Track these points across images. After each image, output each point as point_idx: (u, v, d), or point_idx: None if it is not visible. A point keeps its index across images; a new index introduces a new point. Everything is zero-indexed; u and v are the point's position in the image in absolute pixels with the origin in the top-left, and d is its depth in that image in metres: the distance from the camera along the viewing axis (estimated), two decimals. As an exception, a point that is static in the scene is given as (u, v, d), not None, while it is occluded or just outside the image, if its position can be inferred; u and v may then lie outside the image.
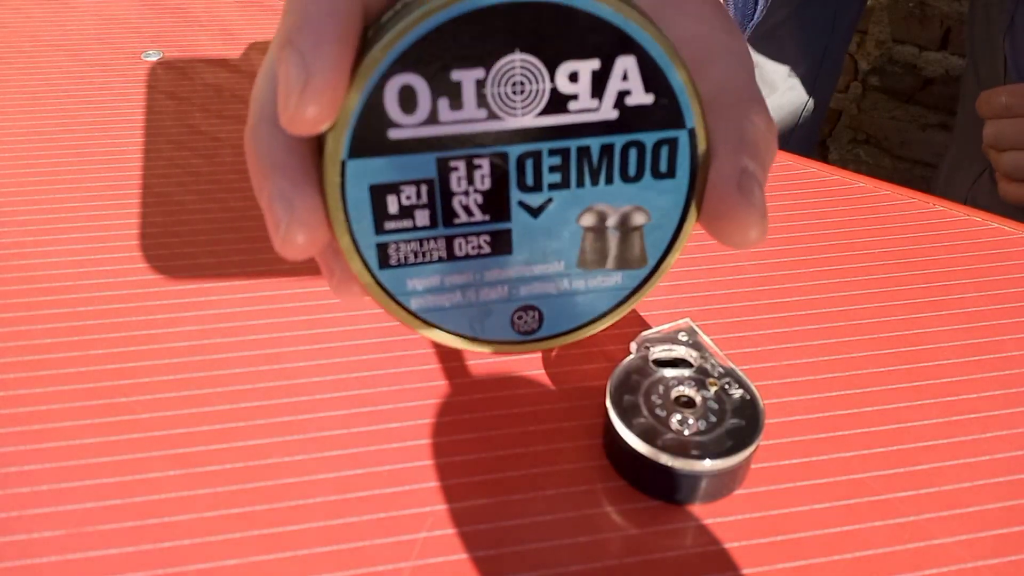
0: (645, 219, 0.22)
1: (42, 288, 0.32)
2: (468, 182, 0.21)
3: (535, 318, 0.24)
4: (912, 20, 1.31)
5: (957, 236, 0.37)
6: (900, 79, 1.37)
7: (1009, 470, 0.27)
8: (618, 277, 0.23)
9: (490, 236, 0.22)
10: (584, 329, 0.24)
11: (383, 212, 0.21)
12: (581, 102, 0.21)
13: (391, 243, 0.22)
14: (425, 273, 0.22)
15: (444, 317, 0.23)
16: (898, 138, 1.43)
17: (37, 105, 0.44)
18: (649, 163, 0.22)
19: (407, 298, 0.23)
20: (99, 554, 0.24)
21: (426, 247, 0.22)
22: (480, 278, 0.23)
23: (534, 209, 0.22)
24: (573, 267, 0.23)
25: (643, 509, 0.25)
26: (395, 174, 0.21)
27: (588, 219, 0.22)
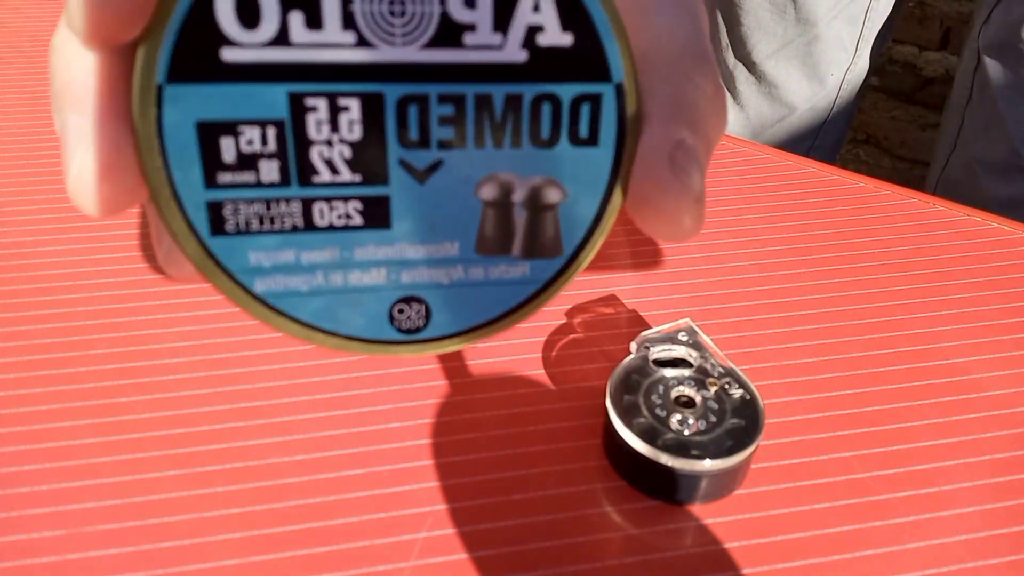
0: (560, 196, 0.18)
1: (42, 288, 0.32)
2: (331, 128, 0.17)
3: (420, 313, 0.19)
4: (912, 20, 1.31)
5: (957, 236, 0.37)
6: (900, 79, 1.37)
7: (1009, 470, 0.27)
8: (526, 267, 0.19)
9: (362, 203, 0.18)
10: (481, 331, 0.19)
11: (216, 159, 0.16)
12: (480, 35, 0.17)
13: (227, 201, 0.17)
14: (274, 245, 0.17)
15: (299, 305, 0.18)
16: (898, 138, 1.43)
17: (37, 105, 0.44)
18: (566, 124, 0.18)
19: (250, 277, 0.17)
20: (99, 554, 0.24)
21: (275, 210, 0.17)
22: (349, 256, 0.18)
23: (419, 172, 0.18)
24: (470, 251, 0.18)
25: (643, 509, 0.25)
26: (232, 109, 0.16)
27: (489, 191, 0.18)
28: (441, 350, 0.19)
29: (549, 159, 0.18)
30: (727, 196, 0.39)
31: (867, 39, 0.72)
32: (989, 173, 0.65)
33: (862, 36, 0.72)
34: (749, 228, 0.37)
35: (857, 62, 0.73)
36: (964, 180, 0.68)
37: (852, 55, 0.73)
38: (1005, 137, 0.62)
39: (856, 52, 0.73)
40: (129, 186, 0.15)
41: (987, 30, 0.63)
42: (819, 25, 0.69)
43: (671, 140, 0.17)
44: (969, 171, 0.67)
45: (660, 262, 0.35)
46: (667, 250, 0.36)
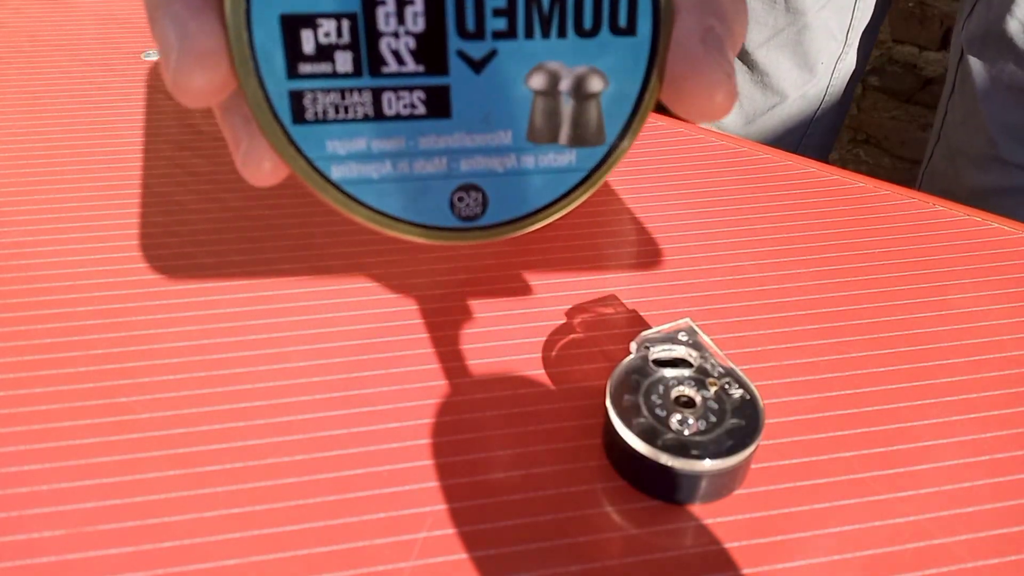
0: (603, 85, 0.19)
1: (42, 288, 0.32)
2: (398, 20, 0.18)
3: (478, 201, 0.20)
4: (912, 20, 1.31)
5: (957, 236, 0.37)
6: (900, 79, 1.37)
7: (1009, 470, 0.27)
8: (572, 156, 0.20)
9: (425, 93, 0.19)
10: (533, 218, 0.20)
11: (297, 51, 0.18)
12: None
13: (307, 91, 0.18)
14: (348, 133, 0.19)
15: (371, 192, 0.19)
16: (898, 138, 1.43)
17: (37, 105, 0.44)
18: (607, 14, 0.19)
19: (327, 164, 0.19)
20: (99, 554, 0.24)
21: (349, 100, 0.18)
22: (414, 145, 0.19)
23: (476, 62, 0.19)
24: (522, 139, 0.20)
25: (643, 509, 0.25)
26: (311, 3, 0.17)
27: (538, 80, 0.19)
28: (497, 237, 0.20)
29: (592, 48, 0.19)
30: (727, 196, 0.39)
31: (856, 29, 0.74)
32: (968, 164, 0.66)
33: (851, 26, 0.73)
34: (749, 228, 0.37)
35: (848, 52, 0.75)
36: (946, 171, 0.69)
37: (842, 44, 0.74)
38: (983, 128, 0.63)
39: (846, 42, 0.74)
40: (220, 76, 0.17)
41: (969, 25, 0.64)
42: (808, 15, 0.71)
43: (702, 26, 0.18)
44: (951, 163, 0.68)
45: (660, 262, 0.35)
46: (667, 250, 0.36)
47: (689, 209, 0.38)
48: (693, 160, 0.42)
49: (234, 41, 0.17)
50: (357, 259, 0.34)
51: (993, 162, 0.64)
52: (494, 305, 0.32)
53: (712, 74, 0.18)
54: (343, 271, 0.34)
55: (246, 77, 0.17)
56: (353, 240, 0.35)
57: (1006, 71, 0.60)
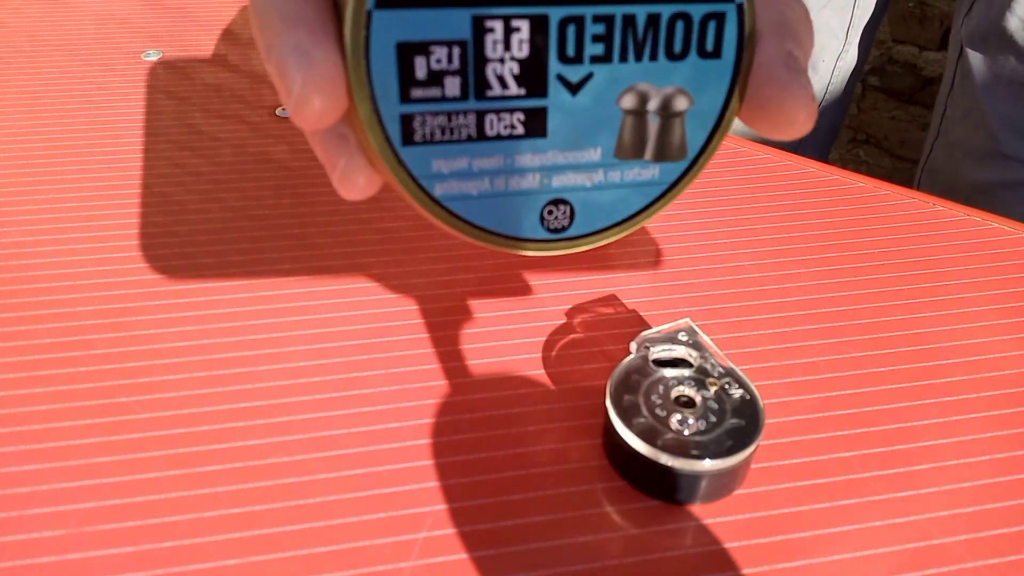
0: (688, 104, 0.21)
1: (42, 288, 0.32)
2: (505, 47, 0.19)
3: (566, 213, 0.21)
4: (912, 20, 1.31)
5: (957, 236, 0.37)
6: (900, 79, 1.37)
7: (1009, 470, 0.27)
8: (655, 171, 0.22)
9: (524, 114, 0.20)
10: (616, 229, 0.22)
11: (410, 76, 0.18)
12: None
13: (417, 115, 0.19)
14: (452, 154, 0.20)
15: (470, 208, 0.21)
16: (898, 138, 1.43)
17: (37, 105, 0.44)
18: (696, 39, 0.20)
19: (431, 182, 0.20)
20: (99, 554, 0.24)
21: (455, 122, 0.19)
22: (511, 163, 0.20)
23: (573, 85, 0.20)
24: (610, 156, 0.21)
25: (643, 509, 0.25)
26: (426, 31, 0.18)
27: (629, 100, 0.20)
28: (582, 247, 0.22)
29: (679, 70, 0.20)
30: (727, 196, 0.39)
31: (856, 28, 0.75)
32: (969, 159, 0.67)
33: (851, 25, 0.74)
34: (749, 228, 0.37)
35: (848, 51, 0.76)
36: (946, 167, 0.70)
37: (843, 43, 0.75)
38: (984, 123, 0.64)
39: (846, 40, 0.75)
40: (339, 100, 0.17)
41: (968, 22, 0.65)
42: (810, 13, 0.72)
43: (784, 51, 0.19)
44: (951, 158, 0.69)
45: (660, 262, 0.35)
46: (667, 250, 0.36)
47: (689, 209, 0.38)
48: (693, 160, 0.42)
49: (352, 67, 0.18)
50: (357, 259, 0.34)
51: (994, 157, 0.65)
52: (494, 305, 0.32)
53: (797, 96, 0.19)
54: (343, 271, 0.34)
55: (361, 101, 0.18)
56: (353, 240, 0.35)
57: (1007, 67, 0.61)
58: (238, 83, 0.46)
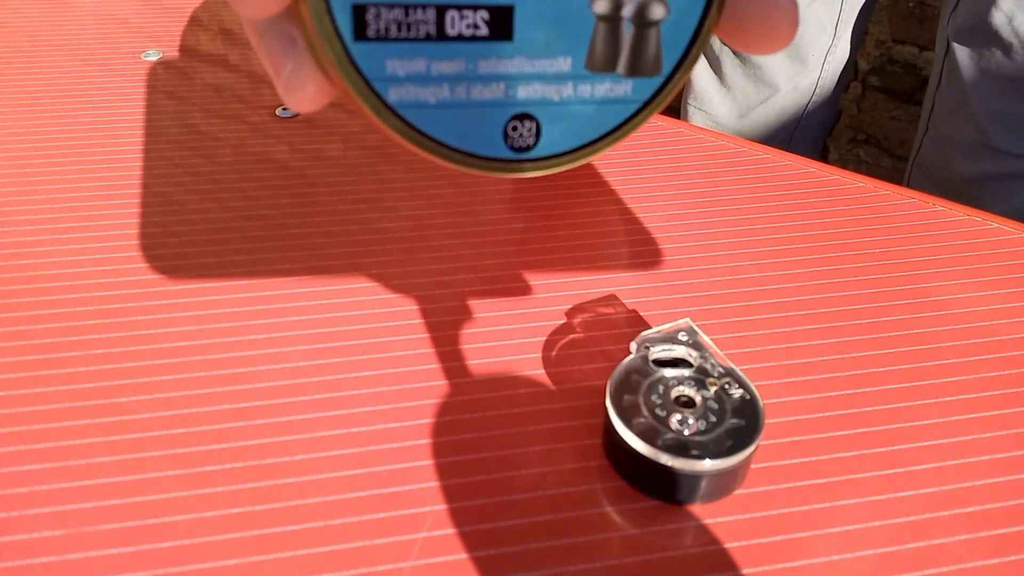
0: (664, 12, 0.19)
1: (42, 288, 0.32)
2: None
3: (531, 131, 0.20)
4: (912, 20, 1.31)
5: (957, 236, 0.37)
6: (900, 79, 1.37)
7: (1009, 470, 0.27)
8: (628, 86, 0.20)
9: (489, 13, 0.18)
10: (584, 151, 0.20)
11: None
12: None
13: (371, 6, 0.17)
14: (409, 53, 0.18)
15: (427, 118, 0.19)
16: (898, 138, 1.43)
17: (37, 105, 0.44)
18: None
19: (385, 85, 0.18)
20: (99, 554, 0.24)
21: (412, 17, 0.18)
22: (473, 69, 0.19)
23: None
24: (580, 67, 0.19)
25: (643, 509, 0.25)
26: None
27: (602, 5, 0.19)
28: (549, 169, 0.20)
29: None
30: (727, 196, 0.39)
31: (846, 21, 0.75)
32: (958, 152, 0.68)
33: (841, 19, 0.75)
34: (749, 228, 0.37)
35: (838, 44, 0.77)
36: (936, 161, 0.70)
37: (832, 37, 0.76)
38: (972, 117, 0.64)
39: (836, 34, 0.76)
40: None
41: (955, 18, 0.66)
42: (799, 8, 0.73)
43: None
44: (940, 152, 0.70)
45: (660, 262, 0.35)
46: (667, 250, 0.36)
47: (689, 209, 0.38)
48: (693, 160, 0.42)
49: None
50: (357, 259, 0.34)
51: (983, 150, 0.65)
52: (494, 305, 0.32)
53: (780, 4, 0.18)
54: (343, 271, 0.34)
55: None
56: (353, 240, 0.35)
57: (993, 61, 0.61)
58: (238, 83, 0.46)
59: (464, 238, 0.36)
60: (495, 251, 0.35)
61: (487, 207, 0.37)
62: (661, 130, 0.44)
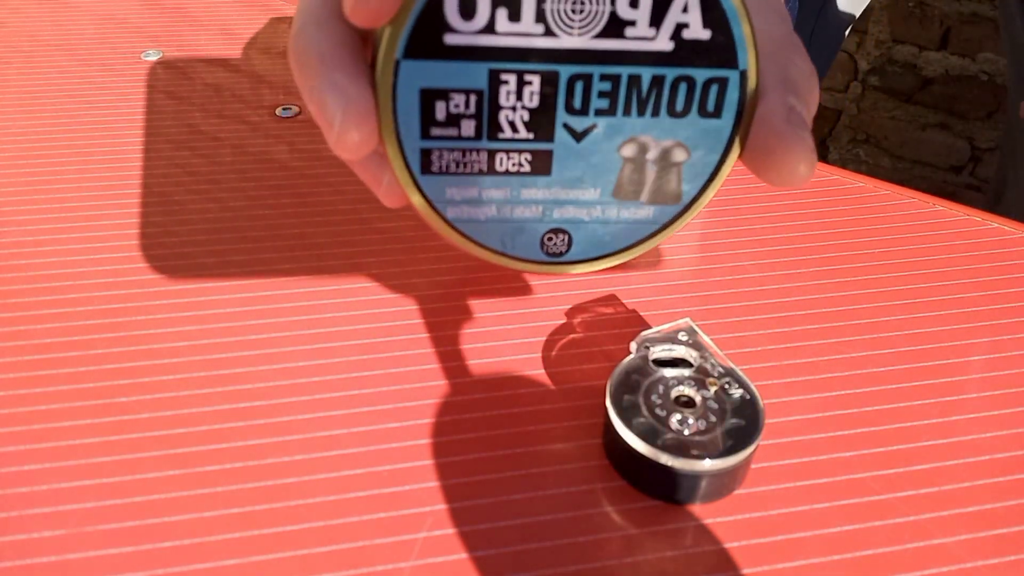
0: (685, 156, 0.22)
1: (42, 288, 0.32)
2: (517, 97, 0.21)
3: (564, 241, 0.24)
4: (912, 20, 1.31)
5: (957, 236, 0.37)
6: (900, 79, 1.37)
7: (1009, 470, 0.27)
8: (650, 211, 0.24)
9: (531, 155, 0.22)
10: (610, 258, 0.25)
11: (431, 117, 0.21)
12: (639, 29, 0.21)
13: (435, 150, 0.22)
14: (464, 183, 0.22)
15: (478, 230, 0.23)
16: (898, 138, 1.43)
17: (36, 105, 0.44)
18: (697, 101, 0.22)
19: (444, 206, 0.23)
20: (99, 554, 0.24)
21: (468, 158, 0.22)
22: (516, 195, 0.23)
23: (578, 133, 0.22)
24: (608, 196, 0.23)
25: (643, 509, 0.25)
26: (447, 80, 0.21)
27: (629, 150, 0.22)
28: (577, 271, 0.25)
29: (680, 126, 0.22)
30: (727, 196, 0.39)
31: None
32: None
33: None
34: (749, 228, 0.37)
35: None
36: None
37: None
38: None
39: None
40: (370, 133, 0.20)
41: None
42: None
43: (786, 106, 0.21)
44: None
45: (660, 262, 0.35)
46: (667, 250, 0.36)
47: (689, 209, 0.38)
48: (693, 160, 0.42)
49: (382, 107, 0.21)
50: (357, 259, 0.34)
51: None
52: (494, 305, 0.32)
53: (798, 149, 0.20)
54: (343, 271, 0.34)
55: (388, 136, 0.21)
56: (353, 240, 0.35)
57: None
58: (238, 83, 0.46)
59: (464, 238, 0.36)
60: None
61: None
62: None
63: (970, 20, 1.25)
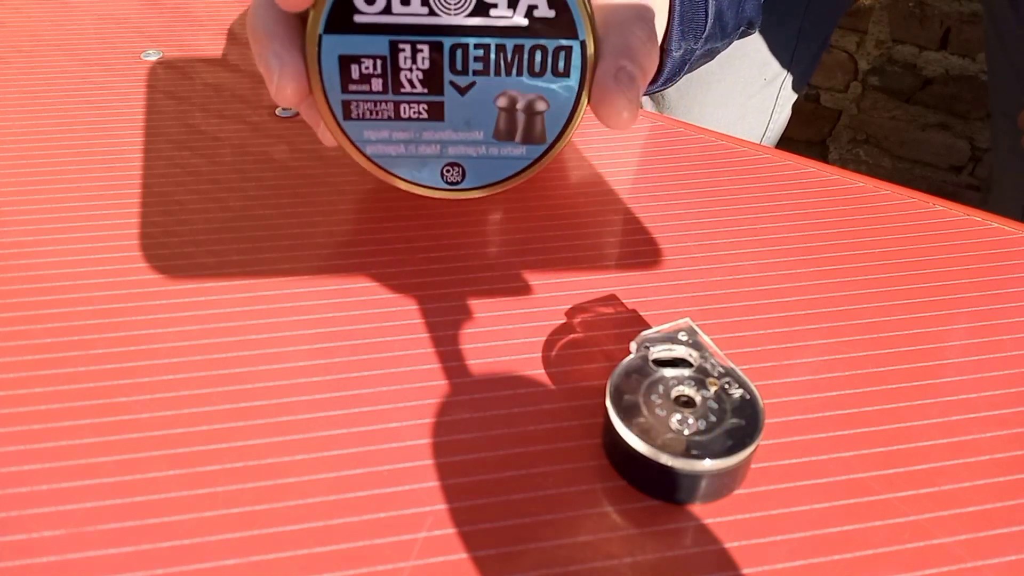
0: (545, 106, 0.29)
1: (42, 288, 0.32)
2: (412, 62, 0.28)
3: (459, 173, 0.31)
4: (912, 20, 1.31)
5: (957, 236, 0.37)
6: (900, 79, 1.37)
7: (1009, 470, 0.27)
8: (523, 150, 0.31)
9: (427, 105, 0.29)
10: (497, 186, 0.32)
11: (348, 77, 0.28)
12: (500, 10, 0.27)
13: (353, 101, 0.29)
14: (378, 127, 0.30)
15: (391, 163, 0.31)
16: (898, 138, 1.43)
17: (36, 105, 0.44)
18: (550, 64, 0.28)
19: (364, 145, 0.30)
20: (99, 554, 0.24)
21: (379, 108, 0.29)
22: (419, 136, 0.30)
23: (461, 88, 0.29)
24: (490, 137, 0.30)
25: (643, 509, 0.25)
26: (358, 49, 0.28)
27: (503, 101, 0.29)
28: (470, 196, 0.32)
29: (539, 83, 0.29)
30: (726, 196, 0.39)
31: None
32: None
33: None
34: (749, 228, 0.37)
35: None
36: None
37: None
38: None
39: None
40: (302, 88, 0.28)
41: None
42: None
43: (615, 67, 0.28)
44: None
45: (660, 262, 0.35)
46: (667, 250, 0.36)
47: (689, 209, 0.38)
48: (693, 160, 0.42)
49: (311, 71, 0.28)
50: (357, 259, 0.34)
51: None
52: (494, 305, 0.32)
53: (621, 101, 0.27)
54: (343, 271, 0.34)
55: (316, 91, 0.29)
56: (353, 240, 0.35)
57: None
58: (238, 83, 0.46)
59: (464, 238, 0.36)
60: (495, 251, 0.35)
61: (486, 208, 0.37)
62: (661, 130, 0.44)
63: (970, 20, 1.25)
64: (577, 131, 0.31)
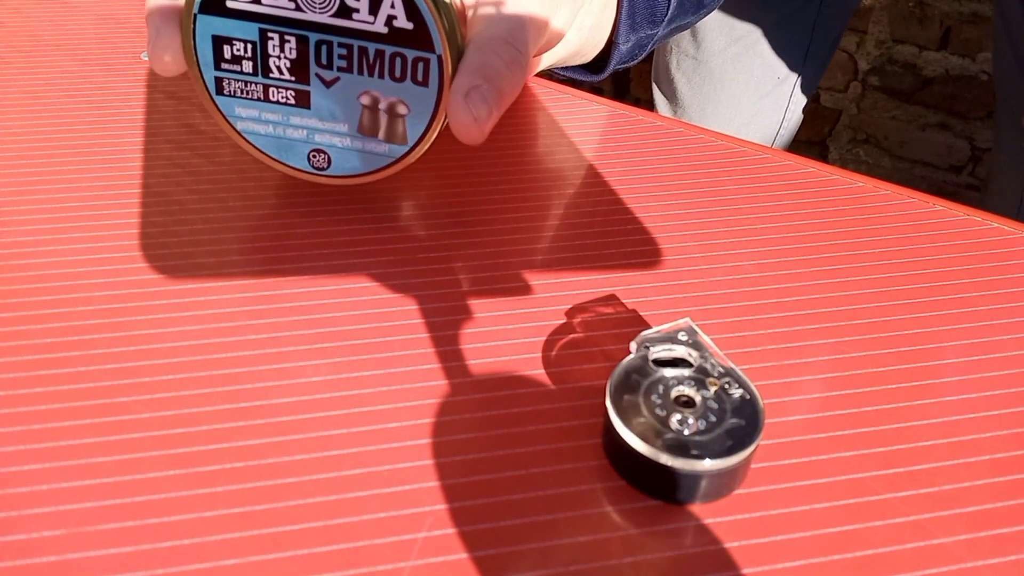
0: (406, 111, 0.30)
1: (41, 288, 0.32)
2: (281, 50, 0.30)
3: (325, 160, 0.32)
4: (912, 20, 1.31)
5: (957, 236, 0.37)
6: (900, 79, 1.37)
7: (1009, 470, 0.27)
8: (386, 147, 0.32)
9: (295, 92, 0.31)
10: (362, 178, 0.33)
11: (220, 56, 0.30)
12: (362, 15, 0.28)
13: (226, 78, 0.31)
14: (249, 106, 0.31)
15: (260, 141, 0.32)
16: (898, 138, 1.43)
17: (37, 105, 0.44)
18: (410, 72, 0.29)
19: (235, 120, 0.32)
20: (99, 554, 0.24)
21: (249, 88, 0.31)
22: (287, 120, 0.32)
23: (327, 81, 0.30)
24: (354, 131, 0.31)
25: (643, 509, 0.25)
26: (230, 31, 0.29)
27: (366, 99, 0.30)
28: (337, 183, 0.34)
29: (400, 88, 0.30)
30: (727, 196, 0.39)
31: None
32: None
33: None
34: (749, 228, 0.37)
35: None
36: None
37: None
38: None
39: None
40: (178, 60, 0.30)
41: None
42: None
43: (469, 86, 0.28)
44: None
45: (660, 262, 0.35)
46: (667, 250, 0.36)
47: (689, 209, 0.38)
48: (693, 160, 0.42)
49: (186, 45, 0.30)
50: (357, 259, 0.34)
51: None
52: (494, 305, 0.32)
53: (466, 119, 0.28)
54: (343, 271, 0.34)
55: (191, 65, 0.31)
56: (353, 240, 0.35)
57: None
58: (238, 83, 0.46)
59: (464, 238, 0.36)
60: (495, 251, 0.35)
61: (487, 208, 0.37)
62: (661, 130, 0.44)
63: (970, 20, 1.25)
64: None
